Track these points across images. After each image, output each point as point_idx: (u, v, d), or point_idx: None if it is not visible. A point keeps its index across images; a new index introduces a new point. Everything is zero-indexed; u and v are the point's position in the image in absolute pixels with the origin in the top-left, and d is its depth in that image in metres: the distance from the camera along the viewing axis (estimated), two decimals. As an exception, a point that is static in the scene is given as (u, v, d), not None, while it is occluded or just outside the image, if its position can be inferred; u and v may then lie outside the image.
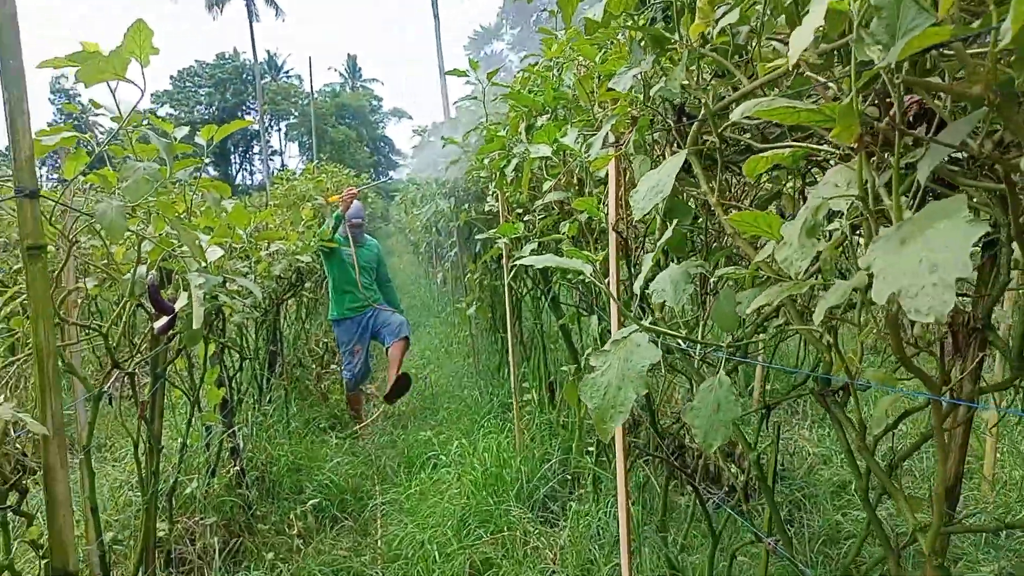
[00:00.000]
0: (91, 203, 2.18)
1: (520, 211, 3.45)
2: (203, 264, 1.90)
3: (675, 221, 1.41)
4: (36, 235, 1.40)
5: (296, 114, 53.99)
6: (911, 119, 1.03)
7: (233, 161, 57.15)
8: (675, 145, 1.69)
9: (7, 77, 1.35)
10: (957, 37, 0.76)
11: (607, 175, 2.00)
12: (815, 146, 1.00)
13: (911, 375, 1.10)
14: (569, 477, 3.68)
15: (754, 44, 1.31)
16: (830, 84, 0.95)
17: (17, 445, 1.64)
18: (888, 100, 0.91)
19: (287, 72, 61.38)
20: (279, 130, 58.43)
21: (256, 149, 56.44)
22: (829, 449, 4.23)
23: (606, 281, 1.90)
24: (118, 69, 1.51)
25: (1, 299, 1.98)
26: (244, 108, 53.86)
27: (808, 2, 0.99)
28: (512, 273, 3.74)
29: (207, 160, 2.38)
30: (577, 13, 1.78)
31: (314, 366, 6.22)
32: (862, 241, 1.08)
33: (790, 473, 4.07)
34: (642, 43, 1.62)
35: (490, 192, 4.23)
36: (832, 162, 1.25)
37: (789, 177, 1.67)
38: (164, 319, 2.09)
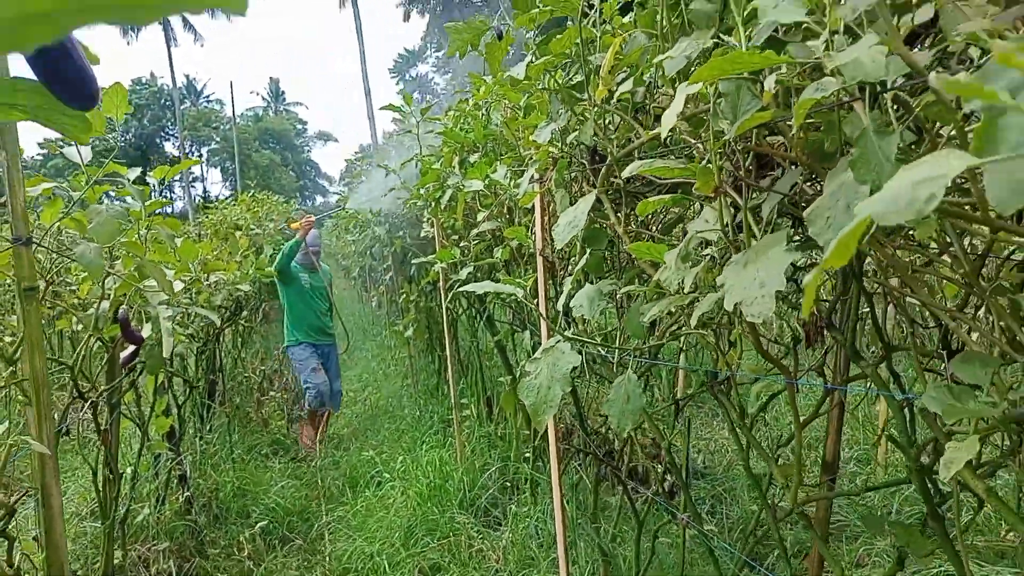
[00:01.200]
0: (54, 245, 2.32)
1: (456, 237, 3.70)
2: (171, 297, 2.08)
3: (590, 248, 1.69)
4: (31, 277, 1.57)
5: (218, 139, 52.95)
6: (775, 163, 1.35)
7: (152, 188, 55.33)
8: (589, 181, 1.98)
9: (4, 138, 1.53)
10: (776, 119, 1.06)
11: (534, 207, 2.28)
12: (688, 195, 1.30)
13: (786, 367, 1.41)
14: (508, 484, 3.92)
15: (648, 102, 1.62)
16: (698, 145, 1.25)
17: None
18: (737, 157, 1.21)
19: (207, 97, 60.14)
20: (200, 156, 57.04)
21: (176, 176, 54.87)
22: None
23: (535, 301, 2.18)
24: (98, 127, 1.70)
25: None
26: (163, 134, 52.46)
27: (686, 75, 1.30)
28: (450, 296, 3.99)
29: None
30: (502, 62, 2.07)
31: (255, 392, 6.28)
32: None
33: (711, 470, 4.42)
34: (559, 96, 1.92)
35: (425, 219, 4.47)
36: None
37: (693, 204, 2.00)
38: (129, 350, 2.25)
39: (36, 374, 1.56)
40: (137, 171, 2.53)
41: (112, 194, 2.70)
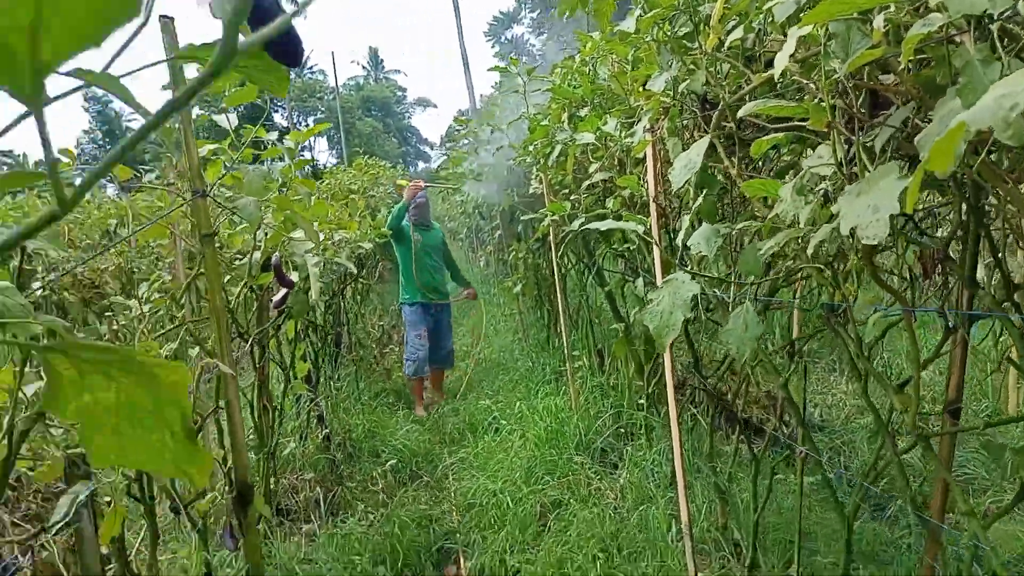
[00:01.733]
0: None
1: (565, 192, 3.82)
2: (316, 246, 2.32)
3: (704, 191, 1.78)
4: (207, 225, 1.83)
5: (323, 109, 54.82)
6: (890, 103, 1.39)
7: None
8: (701, 129, 2.05)
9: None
10: (886, 55, 1.12)
11: (645, 156, 2.36)
12: (804, 131, 1.37)
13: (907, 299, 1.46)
14: (623, 430, 4.07)
15: (758, 48, 1.67)
16: (810, 84, 1.31)
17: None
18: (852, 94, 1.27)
19: (311, 68, 62.22)
20: (307, 126, 59.30)
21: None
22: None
23: (653, 237, 2.28)
24: (251, 95, 1.92)
25: (150, 284, 2.44)
26: (272, 106, 54.82)
27: (795, 20, 1.36)
28: (562, 248, 4.12)
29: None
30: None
31: (374, 346, 6.69)
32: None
33: (829, 423, 4.40)
34: (669, 47, 1.99)
35: (534, 175, 4.61)
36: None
37: (805, 149, 2.03)
38: (280, 293, 2.53)
39: (217, 307, 1.82)
40: (274, 135, 2.82)
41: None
